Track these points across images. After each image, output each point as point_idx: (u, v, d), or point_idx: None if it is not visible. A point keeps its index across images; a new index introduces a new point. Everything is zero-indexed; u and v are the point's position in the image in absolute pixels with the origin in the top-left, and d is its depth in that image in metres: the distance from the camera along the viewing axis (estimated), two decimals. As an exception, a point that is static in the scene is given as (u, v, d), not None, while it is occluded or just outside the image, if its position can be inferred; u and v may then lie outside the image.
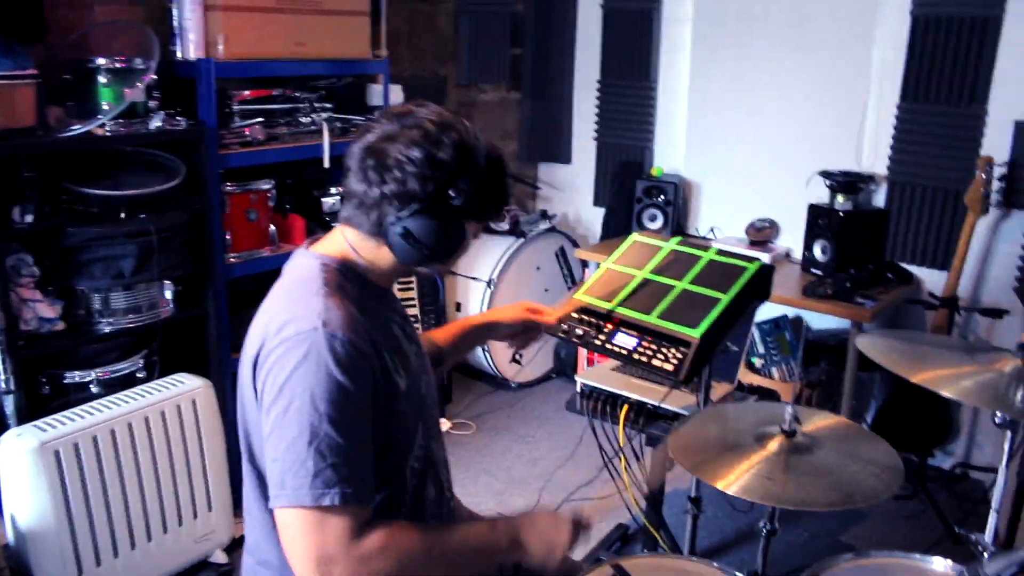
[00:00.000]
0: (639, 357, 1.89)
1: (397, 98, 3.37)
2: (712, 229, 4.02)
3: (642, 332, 1.93)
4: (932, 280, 3.41)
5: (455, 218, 1.37)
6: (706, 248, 2.09)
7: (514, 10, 4.33)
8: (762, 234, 3.79)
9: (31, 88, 2.31)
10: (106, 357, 2.62)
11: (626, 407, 2.30)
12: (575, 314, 2.02)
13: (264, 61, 2.87)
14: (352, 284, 1.39)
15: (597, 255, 3.81)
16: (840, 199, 3.42)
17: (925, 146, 3.36)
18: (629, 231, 3.08)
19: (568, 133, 4.52)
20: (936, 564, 1.54)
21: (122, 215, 2.49)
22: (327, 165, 3.06)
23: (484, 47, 4.22)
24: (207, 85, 2.69)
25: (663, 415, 2.25)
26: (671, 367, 1.83)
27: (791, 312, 3.66)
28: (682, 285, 1.98)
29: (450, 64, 4.18)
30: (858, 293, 3.15)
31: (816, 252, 3.46)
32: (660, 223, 3.96)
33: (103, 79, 2.47)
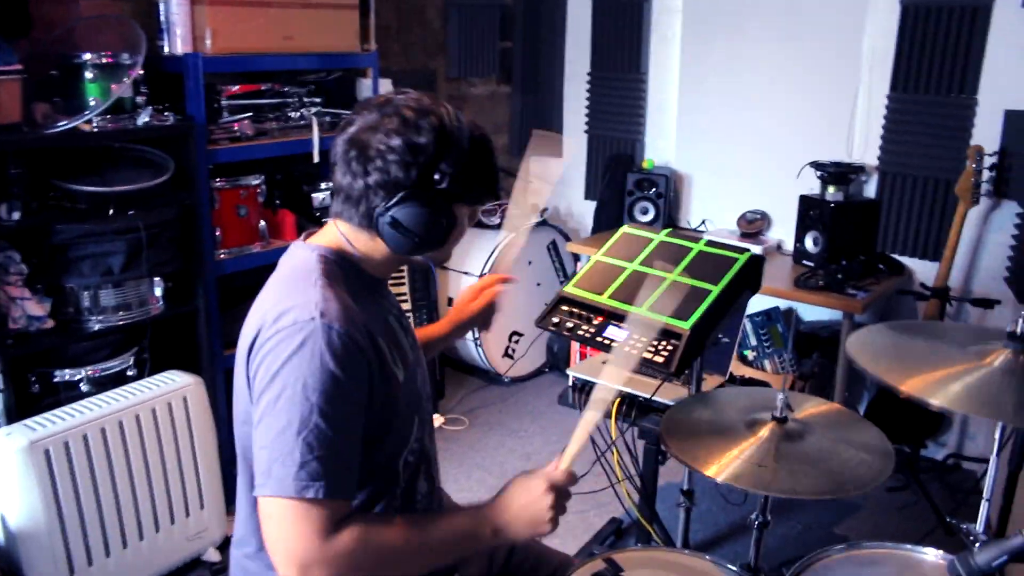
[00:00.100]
0: (630, 349, 1.88)
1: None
2: (704, 221, 4.02)
3: (642, 328, 1.92)
4: (923, 271, 3.42)
5: (443, 203, 1.35)
6: (696, 240, 2.09)
7: (503, 3, 4.31)
8: (753, 226, 3.79)
9: (16, 84, 2.29)
10: (96, 355, 2.60)
11: (618, 400, 2.30)
12: (565, 307, 2.01)
13: (252, 55, 2.85)
14: (349, 275, 1.38)
15: (589, 248, 3.81)
16: (831, 190, 3.42)
17: (915, 136, 3.36)
18: (621, 224, 3.08)
19: (559, 126, 4.51)
20: (928, 554, 1.54)
21: (110, 212, 2.47)
22: (317, 160, 3.05)
23: (473, 41, 4.21)
24: (195, 80, 2.67)
25: (655, 408, 2.25)
26: (662, 359, 1.83)
27: (783, 304, 3.67)
28: (672, 277, 1.98)
29: (440, 58, 4.17)
30: (849, 284, 3.16)
31: (807, 243, 3.46)
32: (652, 216, 3.96)
33: (89, 74, 2.45)
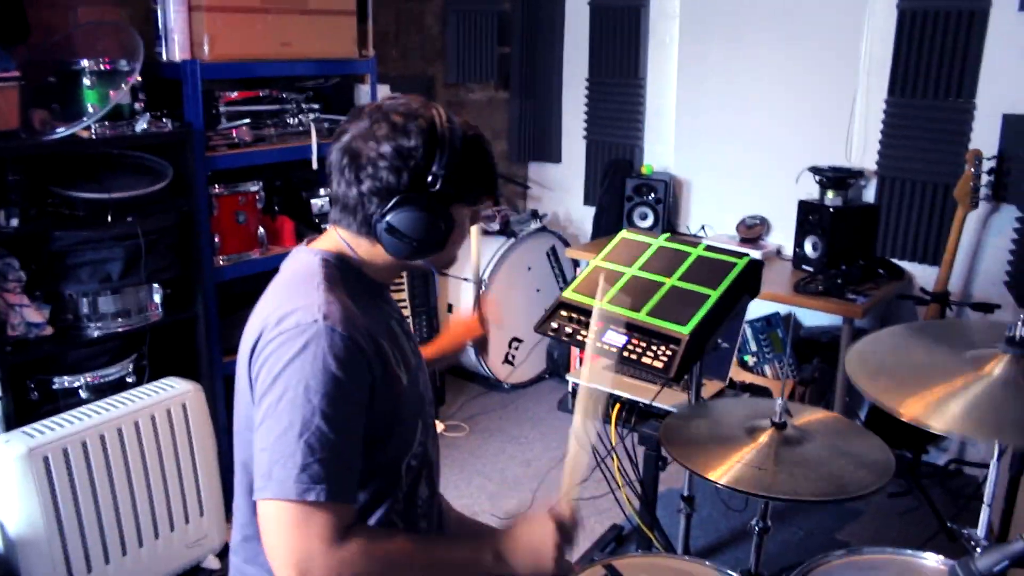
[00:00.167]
0: (628, 355, 1.88)
1: (385, 98, 3.35)
2: (703, 227, 4.01)
3: (631, 329, 1.92)
4: (923, 275, 3.42)
5: (439, 205, 1.34)
6: (694, 244, 2.09)
7: (501, 9, 4.32)
8: (753, 231, 3.79)
9: (14, 90, 2.30)
10: (95, 362, 2.60)
11: (618, 406, 2.29)
12: (564, 312, 2.01)
13: (250, 62, 2.85)
14: (351, 280, 1.38)
15: (588, 254, 3.80)
16: (830, 195, 3.42)
17: (914, 140, 3.36)
18: (620, 230, 3.07)
19: (557, 132, 4.51)
20: (928, 559, 1.53)
21: (109, 218, 2.48)
22: (315, 166, 3.05)
23: (472, 46, 4.22)
24: (193, 86, 2.67)
25: (655, 413, 2.25)
26: (661, 364, 1.83)
27: (783, 309, 3.66)
28: (671, 282, 1.98)
29: (438, 63, 4.17)
30: (849, 289, 3.15)
31: (807, 248, 3.46)
32: (651, 221, 3.96)
33: (88, 81, 2.45)
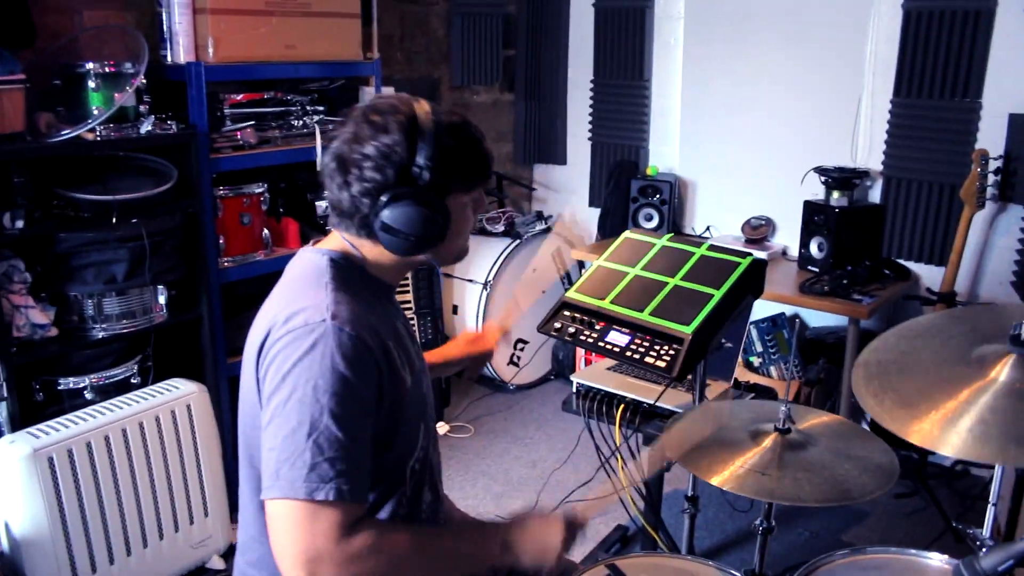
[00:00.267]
0: (632, 355, 1.88)
1: (390, 100, 3.36)
2: (708, 228, 4.01)
3: (634, 329, 1.91)
4: (929, 275, 3.40)
5: (432, 197, 1.34)
6: (698, 244, 2.08)
7: (506, 11, 4.32)
8: (758, 232, 3.78)
9: (20, 93, 2.31)
10: (100, 363, 2.60)
11: (622, 406, 2.29)
12: (567, 312, 2.00)
13: (255, 64, 2.86)
14: (357, 280, 1.38)
15: (593, 256, 3.80)
16: (835, 195, 3.41)
17: (920, 140, 3.35)
18: (625, 231, 3.08)
19: (562, 134, 4.51)
20: (932, 559, 1.52)
21: (114, 220, 2.48)
22: (320, 168, 3.05)
23: (476, 49, 4.22)
24: (197, 89, 2.68)
25: (659, 414, 2.24)
26: (664, 364, 1.82)
27: (789, 310, 3.65)
28: (674, 281, 1.97)
29: (443, 66, 4.18)
30: (855, 290, 3.14)
31: (812, 249, 3.45)
32: (656, 222, 3.96)
33: (92, 84, 2.46)
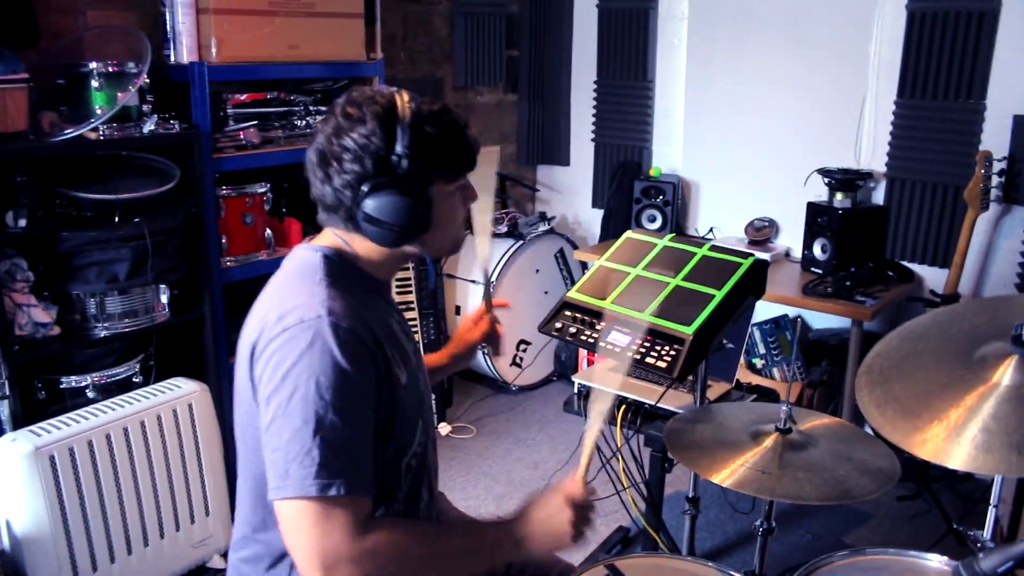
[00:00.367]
0: (632, 355, 1.88)
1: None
2: (711, 229, 4.00)
3: (635, 330, 1.91)
4: (933, 277, 3.39)
5: (413, 186, 1.33)
6: (699, 245, 2.08)
7: (509, 11, 4.32)
8: (761, 233, 3.78)
9: (24, 92, 2.31)
10: (102, 362, 2.61)
11: (623, 407, 2.29)
12: (568, 312, 2.00)
13: (258, 64, 2.86)
14: (351, 277, 1.38)
15: (596, 256, 3.78)
16: (839, 197, 3.40)
17: (923, 142, 3.34)
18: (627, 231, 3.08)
19: (566, 134, 4.51)
20: (932, 561, 1.52)
21: (116, 219, 2.48)
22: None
23: (480, 49, 4.22)
24: (200, 88, 2.68)
25: (660, 414, 2.24)
26: (664, 364, 1.82)
27: (792, 312, 3.65)
28: (675, 282, 1.97)
29: (446, 66, 4.18)
30: (858, 291, 3.14)
31: (816, 251, 3.44)
32: (659, 223, 3.95)
33: (96, 83, 2.47)
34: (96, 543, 2.33)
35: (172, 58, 2.73)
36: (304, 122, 3.11)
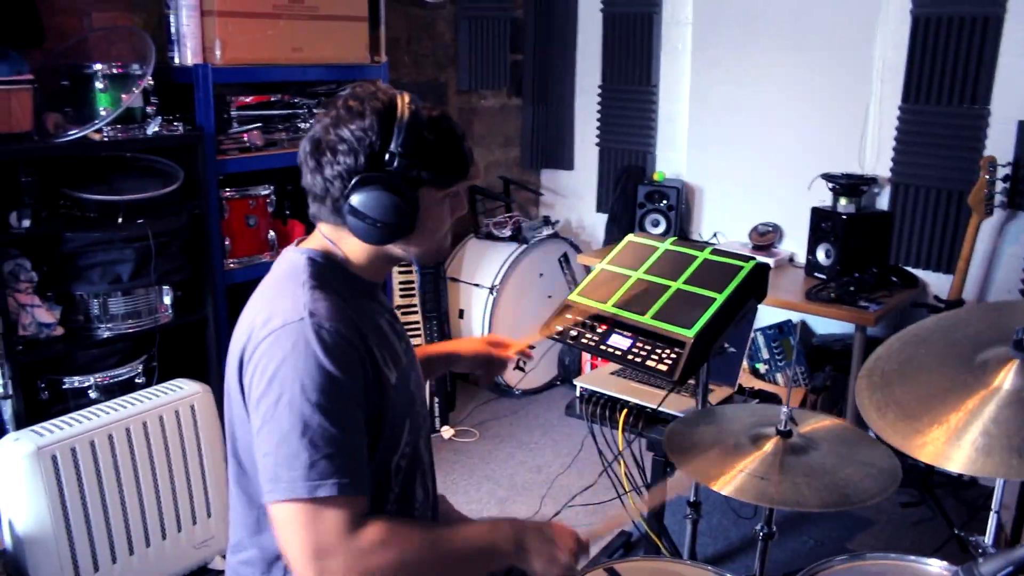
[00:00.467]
0: (633, 358, 1.87)
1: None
2: (715, 234, 4.00)
3: (636, 333, 1.91)
4: (937, 283, 3.38)
5: (402, 186, 1.33)
6: (701, 248, 2.08)
7: (513, 15, 4.33)
8: (765, 238, 3.77)
9: (28, 93, 2.32)
10: (105, 362, 2.62)
11: (625, 411, 2.28)
12: (569, 315, 2.00)
13: (262, 67, 2.87)
14: (339, 278, 1.38)
15: (597, 260, 3.79)
16: (843, 202, 3.39)
17: (928, 147, 3.34)
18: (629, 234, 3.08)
19: (570, 139, 4.52)
20: (932, 566, 1.51)
21: (120, 220, 2.50)
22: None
23: (484, 53, 4.22)
24: (204, 90, 2.69)
25: (662, 418, 2.23)
26: (665, 368, 1.81)
27: (795, 317, 3.64)
28: (677, 285, 1.97)
29: (450, 70, 4.18)
30: (862, 297, 3.13)
31: (820, 256, 3.43)
32: (663, 228, 3.95)
33: (100, 84, 2.48)
34: (98, 543, 2.34)
35: (176, 60, 2.74)
36: (308, 125, 3.11)
